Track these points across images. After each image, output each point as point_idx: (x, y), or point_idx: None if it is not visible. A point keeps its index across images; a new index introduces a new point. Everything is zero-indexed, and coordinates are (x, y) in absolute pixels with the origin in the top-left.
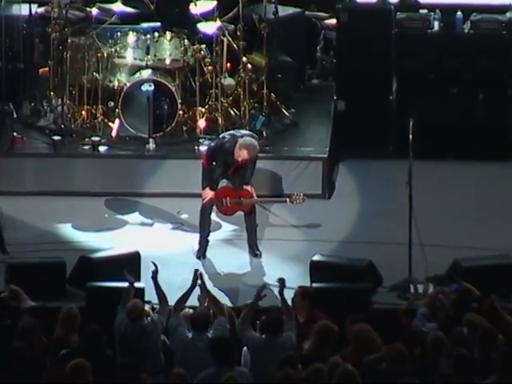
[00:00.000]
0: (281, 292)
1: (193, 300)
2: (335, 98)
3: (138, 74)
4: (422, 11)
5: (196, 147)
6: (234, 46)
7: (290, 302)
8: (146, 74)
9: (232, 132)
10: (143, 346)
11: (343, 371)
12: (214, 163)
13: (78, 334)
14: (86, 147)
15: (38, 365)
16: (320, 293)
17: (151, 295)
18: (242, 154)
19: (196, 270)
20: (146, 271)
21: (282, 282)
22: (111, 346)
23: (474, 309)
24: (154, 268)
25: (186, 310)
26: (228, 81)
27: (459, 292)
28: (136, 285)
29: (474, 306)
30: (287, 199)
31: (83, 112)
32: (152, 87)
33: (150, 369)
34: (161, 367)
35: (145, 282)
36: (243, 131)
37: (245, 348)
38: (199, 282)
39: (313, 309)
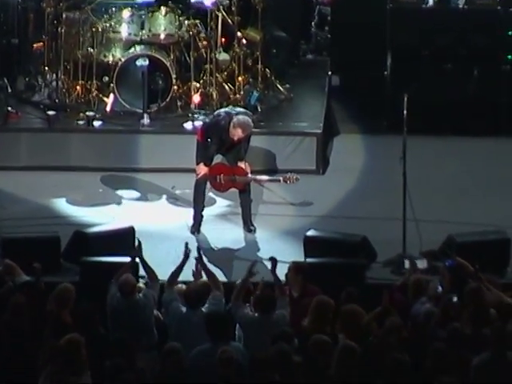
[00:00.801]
0: (273, 270)
1: (186, 275)
2: (330, 73)
3: (132, 48)
4: None
5: (188, 123)
6: (229, 20)
7: (283, 278)
8: (140, 49)
9: (227, 109)
10: (136, 320)
11: (344, 346)
12: (208, 140)
13: (71, 312)
14: (81, 122)
15: (29, 339)
16: (314, 268)
17: None
18: (236, 133)
19: (187, 243)
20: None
21: (273, 260)
22: (104, 323)
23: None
24: (137, 244)
25: (180, 285)
26: (223, 56)
27: (454, 268)
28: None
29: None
30: (281, 179)
31: (78, 87)
32: (146, 62)
33: (144, 344)
34: (154, 342)
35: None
36: (238, 109)
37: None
38: (196, 255)
39: (307, 284)
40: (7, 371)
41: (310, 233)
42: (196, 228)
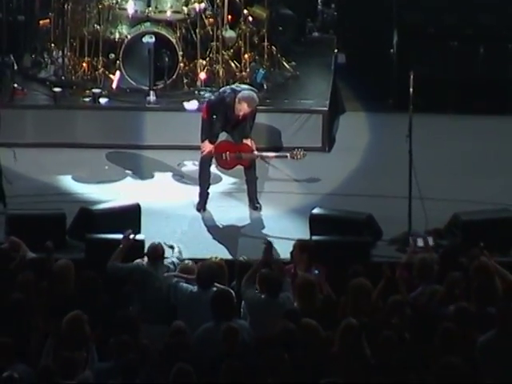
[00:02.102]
0: (269, 252)
1: (196, 253)
2: (336, 51)
3: (138, 26)
4: None
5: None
6: None
7: (289, 256)
8: (146, 26)
9: (232, 87)
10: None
11: (346, 324)
12: (214, 117)
13: (75, 281)
14: (87, 99)
15: (35, 315)
16: (320, 246)
17: None
18: (242, 108)
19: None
20: (146, 223)
21: (269, 243)
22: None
23: (460, 264)
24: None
25: (186, 261)
26: (229, 33)
27: (445, 248)
28: (136, 237)
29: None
30: (287, 155)
31: (84, 64)
32: (153, 39)
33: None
34: (164, 317)
35: (145, 234)
36: (244, 86)
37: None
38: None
39: (312, 262)
40: (18, 348)
41: (316, 211)
42: (202, 205)
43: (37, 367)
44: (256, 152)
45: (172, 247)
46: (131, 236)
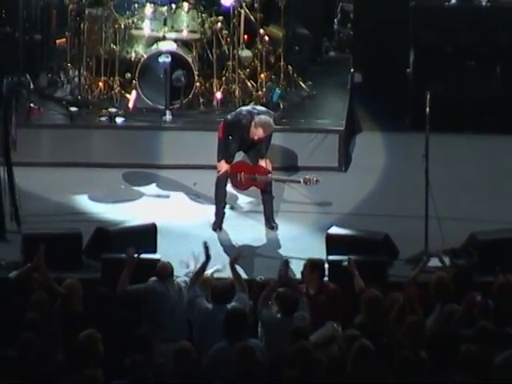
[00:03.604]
0: (286, 272)
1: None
2: (352, 70)
3: (155, 45)
4: None
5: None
6: (252, 17)
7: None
8: (164, 46)
9: (249, 108)
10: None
11: (360, 344)
12: (230, 137)
13: (87, 299)
14: (103, 118)
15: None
16: (336, 265)
17: None
18: (257, 133)
19: (205, 243)
20: (162, 243)
21: (286, 263)
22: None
23: (475, 283)
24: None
25: (208, 274)
26: (245, 53)
27: (460, 268)
28: (152, 256)
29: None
30: (301, 180)
31: (100, 83)
32: (169, 59)
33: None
34: (184, 335)
35: (161, 254)
36: (260, 107)
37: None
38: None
39: (323, 281)
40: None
41: (332, 230)
42: (218, 225)
43: None
44: (270, 174)
45: (188, 266)
46: (135, 254)
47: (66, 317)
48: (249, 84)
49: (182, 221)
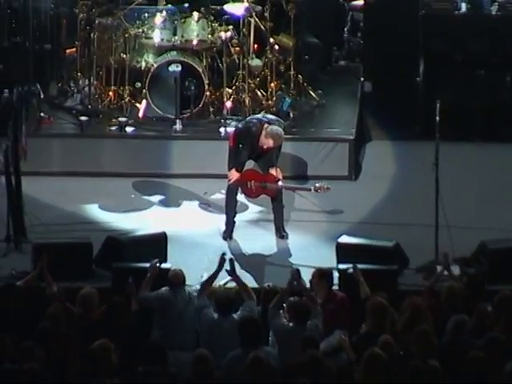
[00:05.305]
0: (298, 280)
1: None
2: (362, 79)
3: (165, 54)
4: None
5: (222, 128)
6: (262, 27)
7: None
8: (172, 55)
9: (259, 116)
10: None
11: (371, 353)
12: (240, 145)
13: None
14: (113, 128)
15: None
16: (346, 274)
17: None
18: (267, 143)
19: (224, 253)
20: (172, 252)
21: (297, 272)
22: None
23: (486, 292)
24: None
25: (217, 285)
26: (255, 62)
27: (471, 277)
28: (162, 265)
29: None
30: (312, 188)
31: (110, 93)
32: (179, 68)
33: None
34: (191, 344)
35: (171, 263)
36: (270, 116)
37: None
38: (228, 267)
39: (331, 290)
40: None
41: (343, 239)
42: (228, 234)
43: None
44: (280, 182)
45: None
46: (157, 264)
47: (84, 326)
48: (259, 93)
49: (193, 230)
